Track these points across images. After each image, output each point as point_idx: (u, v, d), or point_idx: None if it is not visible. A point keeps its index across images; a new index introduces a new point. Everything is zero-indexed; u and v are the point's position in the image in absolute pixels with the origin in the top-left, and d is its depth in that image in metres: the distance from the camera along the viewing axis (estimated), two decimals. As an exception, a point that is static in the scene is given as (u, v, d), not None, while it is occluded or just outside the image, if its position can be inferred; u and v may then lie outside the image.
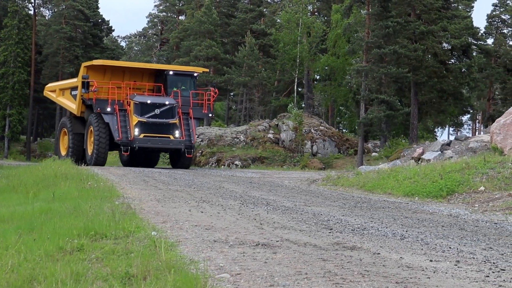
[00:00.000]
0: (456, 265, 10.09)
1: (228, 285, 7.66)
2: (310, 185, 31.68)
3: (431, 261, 10.33)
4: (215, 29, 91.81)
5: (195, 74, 48.87)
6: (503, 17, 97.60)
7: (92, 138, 44.04)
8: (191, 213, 15.29)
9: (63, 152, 50.36)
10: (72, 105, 48.57)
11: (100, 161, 43.07)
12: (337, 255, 10.33)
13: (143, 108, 42.86)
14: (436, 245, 12.37)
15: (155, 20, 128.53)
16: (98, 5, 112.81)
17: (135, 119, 42.49)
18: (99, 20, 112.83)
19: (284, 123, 66.40)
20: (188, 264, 8.63)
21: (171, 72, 47.07)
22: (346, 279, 8.27)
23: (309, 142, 64.17)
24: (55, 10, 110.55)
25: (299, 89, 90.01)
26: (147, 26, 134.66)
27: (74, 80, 49.90)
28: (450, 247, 12.12)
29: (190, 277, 7.65)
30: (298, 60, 76.75)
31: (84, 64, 48.34)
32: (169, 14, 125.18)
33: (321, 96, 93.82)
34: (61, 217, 13.64)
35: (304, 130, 64.92)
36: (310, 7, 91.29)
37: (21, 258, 9.36)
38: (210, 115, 49.79)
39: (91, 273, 8.28)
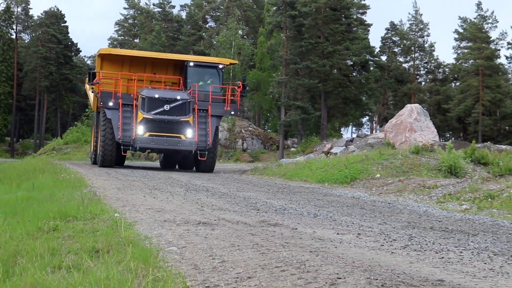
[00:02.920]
0: (357, 237, 10.20)
1: (175, 256, 7.66)
2: (241, 175, 31.75)
3: (338, 234, 10.42)
4: (163, 50, 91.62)
5: (221, 66, 34.26)
6: (394, 38, 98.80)
7: (100, 137, 32.20)
8: (145, 198, 15.24)
9: (92, 149, 38.15)
10: (92, 99, 36.59)
11: (107, 162, 31.31)
12: (263, 230, 10.37)
13: (150, 103, 30.11)
14: (342, 221, 12.47)
15: (115, 42, 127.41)
16: (68, 30, 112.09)
17: (140, 115, 30.16)
18: (69, 43, 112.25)
19: (220, 125, 66.64)
20: (143, 240, 8.62)
21: (191, 64, 33.48)
22: (270, 249, 8.31)
23: (241, 140, 64.26)
24: (33, 35, 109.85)
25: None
26: (108, 47, 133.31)
27: None
28: (353, 223, 12.23)
29: (145, 250, 7.65)
30: (231, 74, 76.83)
31: (97, 53, 34.59)
32: (126, 38, 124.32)
33: (250, 103, 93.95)
34: (39, 203, 13.53)
35: (236, 131, 65.11)
36: (240, 32, 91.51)
37: (7, 237, 9.27)
38: (233, 112, 34.25)
39: (64, 248, 8.23)
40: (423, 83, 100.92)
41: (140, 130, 30.01)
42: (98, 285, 5.89)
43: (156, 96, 30.35)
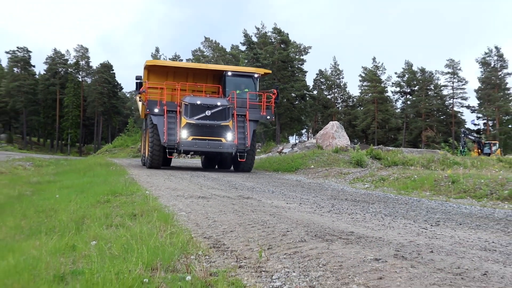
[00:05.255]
0: (299, 205, 10.22)
1: (184, 218, 7.65)
2: (226, 166, 31.68)
3: (287, 203, 10.44)
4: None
5: (256, 75, 25.30)
6: (321, 80, 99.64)
7: (148, 141, 24.45)
8: (165, 182, 15.15)
9: (142, 152, 29.70)
10: (140, 108, 27.53)
11: (154, 163, 23.34)
12: (240, 201, 10.37)
13: (193, 109, 22.61)
14: (289, 195, 12.50)
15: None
16: (115, 75, 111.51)
17: (184, 120, 22.67)
18: (116, 83, 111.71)
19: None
20: (164, 208, 8.59)
21: (229, 73, 25.03)
22: (244, 213, 8.33)
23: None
24: (93, 78, 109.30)
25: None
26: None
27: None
28: (296, 196, 12.26)
29: (165, 214, 7.63)
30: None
31: (144, 65, 25.14)
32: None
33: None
34: (98, 185, 13.45)
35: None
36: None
37: (78, 206, 9.21)
38: (268, 117, 24.86)
39: (114, 213, 8.19)
40: (340, 108, 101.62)
41: (183, 134, 22.50)
42: (135, 237, 5.88)
43: (198, 102, 22.72)
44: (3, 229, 8.16)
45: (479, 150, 50.18)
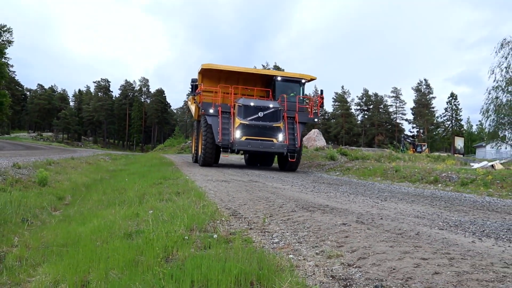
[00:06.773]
0: (291, 186, 10.12)
1: (212, 195, 7.61)
2: (241, 160, 31.42)
3: (283, 185, 10.34)
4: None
5: (303, 81, 18.19)
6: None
7: (201, 140, 17.60)
8: (199, 171, 15.03)
9: (193, 151, 22.61)
10: (193, 110, 20.59)
11: (207, 161, 17.11)
12: (250, 184, 10.31)
13: (246, 111, 16.17)
14: (284, 180, 12.39)
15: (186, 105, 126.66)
16: (166, 97, 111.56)
17: (237, 121, 16.19)
18: (166, 103, 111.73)
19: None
20: (198, 188, 8.54)
21: (279, 78, 18.19)
22: (253, 192, 8.29)
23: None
24: (151, 99, 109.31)
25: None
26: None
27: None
28: (289, 180, 12.16)
29: (200, 192, 7.61)
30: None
31: (199, 69, 17.57)
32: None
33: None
34: (154, 172, 13.43)
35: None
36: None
37: (140, 186, 9.22)
38: (316, 120, 17.68)
39: (164, 191, 8.17)
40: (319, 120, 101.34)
41: (237, 134, 16.11)
42: (179, 208, 5.87)
43: (252, 104, 16.38)
44: (90, 202, 8.20)
45: (414, 149, 49.90)
